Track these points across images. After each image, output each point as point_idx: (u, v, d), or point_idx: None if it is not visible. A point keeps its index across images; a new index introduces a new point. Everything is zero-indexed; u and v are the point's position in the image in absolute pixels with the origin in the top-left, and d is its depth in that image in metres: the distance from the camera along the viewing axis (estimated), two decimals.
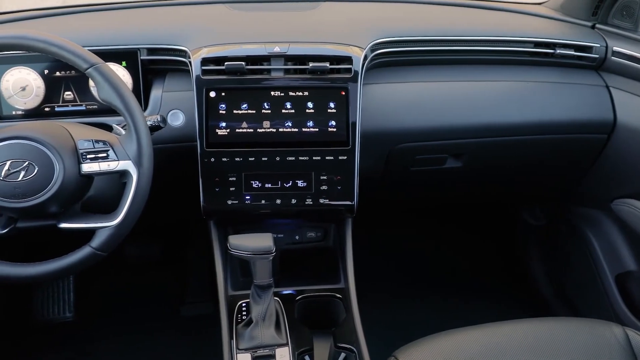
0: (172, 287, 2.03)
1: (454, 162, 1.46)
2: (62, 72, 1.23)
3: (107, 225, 0.98)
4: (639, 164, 1.42)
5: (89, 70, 0.98)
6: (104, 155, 0.98)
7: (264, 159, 1.22)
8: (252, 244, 1.08)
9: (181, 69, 1.26)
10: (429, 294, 2.03)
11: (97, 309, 1.97)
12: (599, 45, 1.44)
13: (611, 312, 1.63)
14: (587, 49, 1.43)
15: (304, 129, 1.22)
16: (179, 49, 1.25)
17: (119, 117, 1.04)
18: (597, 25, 1.50)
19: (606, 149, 1.48)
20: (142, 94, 1.26)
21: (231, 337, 1.17)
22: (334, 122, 1.22)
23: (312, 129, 1.22)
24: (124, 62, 1.24)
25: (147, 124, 1.02)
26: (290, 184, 1.24)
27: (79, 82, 1.24)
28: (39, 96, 1.23)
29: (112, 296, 2.00)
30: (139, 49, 1.25)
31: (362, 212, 1.28)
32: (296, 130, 1.22)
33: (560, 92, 1.42)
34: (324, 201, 1.24)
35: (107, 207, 1.00)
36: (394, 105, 1.34)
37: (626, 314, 1.58)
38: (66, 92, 1.24)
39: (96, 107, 1.25)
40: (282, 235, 1.36)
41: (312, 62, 1.21)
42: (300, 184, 1.24)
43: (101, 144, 0.99)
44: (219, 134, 1.21)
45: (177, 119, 1.26)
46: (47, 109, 1.24)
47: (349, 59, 1.22)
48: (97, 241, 0.98)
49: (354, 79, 1.22)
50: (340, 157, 1.23)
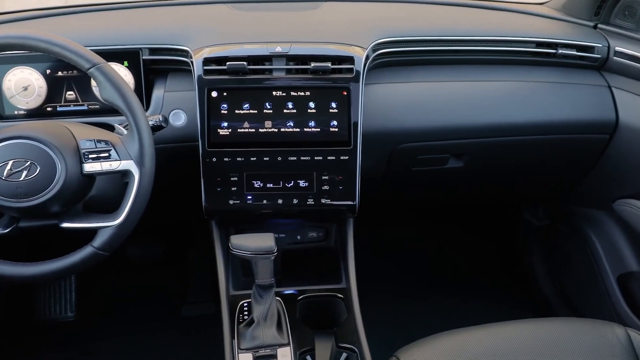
0: (174, 287, 2.03)
1: (456, 162, 1.46)
2: (64, 72, 1.23)
3: (109, 225, 0.98)
4: None
5: (91, 70, 0.98)
6: (106, 155, 0.98)
7: (265, 158, 1.22)
8: (254, 243, 1.08)
9: (183, 69, 1.27)
10: (430, 294, 2.03)
11: (98, 309, 1.97)
12: (601, 45, 1.43)
13: (613, 312, 1.63)
14: (589, 49, 1.43)
15: (305, 129, 1.22)
16: (180, 49, 1.25)
17: (121, 117, 1.04)
18: (599, 25, 1.50)
19: (608, 149, 1.48)
20: (143, 94, 1.26)
21: (233, 337, 1.17)
22: (335, 122, 1.22)
23: (313, 129, 1.22)
24: (126, 62, 1.24)
25: (149, 123, 1.02)
26: (292, 184, 1.24)
27: (81, 82, 1.24)
28: (41, 96, 1.23)
29: (114, 296, 2.01)
30: (140, 48, 1.25)
31: (363, 212, 1.28)
32: (298, 130, 1.22)
33: (562, 92, 1.42)
34: (326, 201, 1.24)
35: (109, 207, 1.00)
36: (395, 105, 1.34)
37: (628, 315, 1.58)
38: (68, 92, 1.24)
39: (98, 107, 1.25)
40: (284, 235, 1.36)
41: (314, 62, 1.21)
42: (302, 184, 1.24)
43: (103, 144, 0.99)
44: (221, 133, 1.21)
45: (178, 119, 1.26)
46: (49, 109, 1.24)
47: (350, 59, 1.22)
48: (99, 241, 0.98)
49: (356, 79, 1.22)
50: (342, 157, 1.23)
